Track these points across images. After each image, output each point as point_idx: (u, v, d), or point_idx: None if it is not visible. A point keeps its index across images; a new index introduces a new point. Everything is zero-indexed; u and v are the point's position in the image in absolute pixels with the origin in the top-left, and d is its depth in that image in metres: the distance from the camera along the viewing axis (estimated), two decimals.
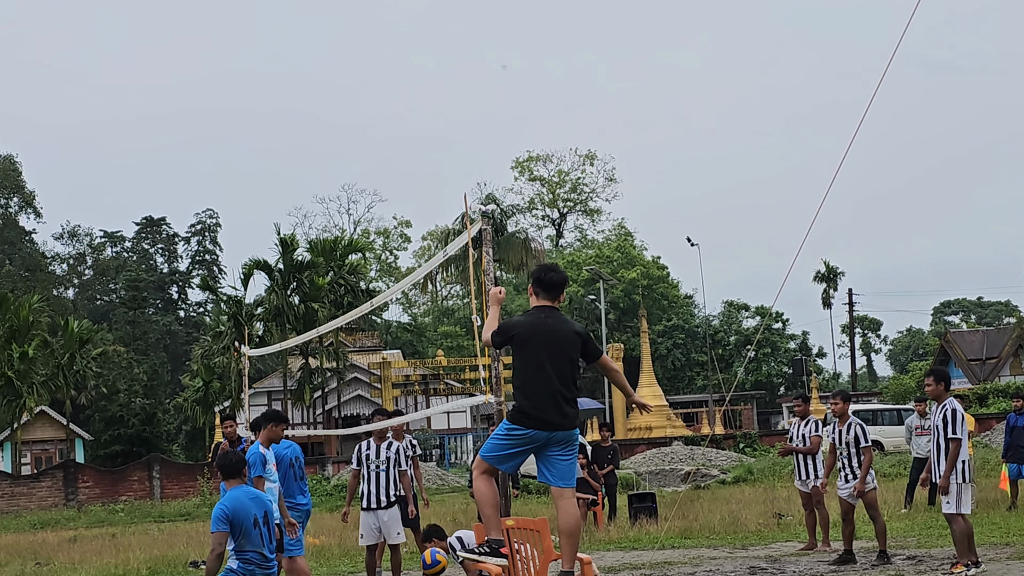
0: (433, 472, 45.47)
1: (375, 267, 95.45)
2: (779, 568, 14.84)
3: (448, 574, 12.81)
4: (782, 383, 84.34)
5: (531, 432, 8.46)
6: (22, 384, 52.86)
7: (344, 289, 57.80)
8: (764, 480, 34.36)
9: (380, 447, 14.47)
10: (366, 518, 14.27)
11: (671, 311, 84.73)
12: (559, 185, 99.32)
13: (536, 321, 8.67)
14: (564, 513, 8.54)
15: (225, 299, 59.68)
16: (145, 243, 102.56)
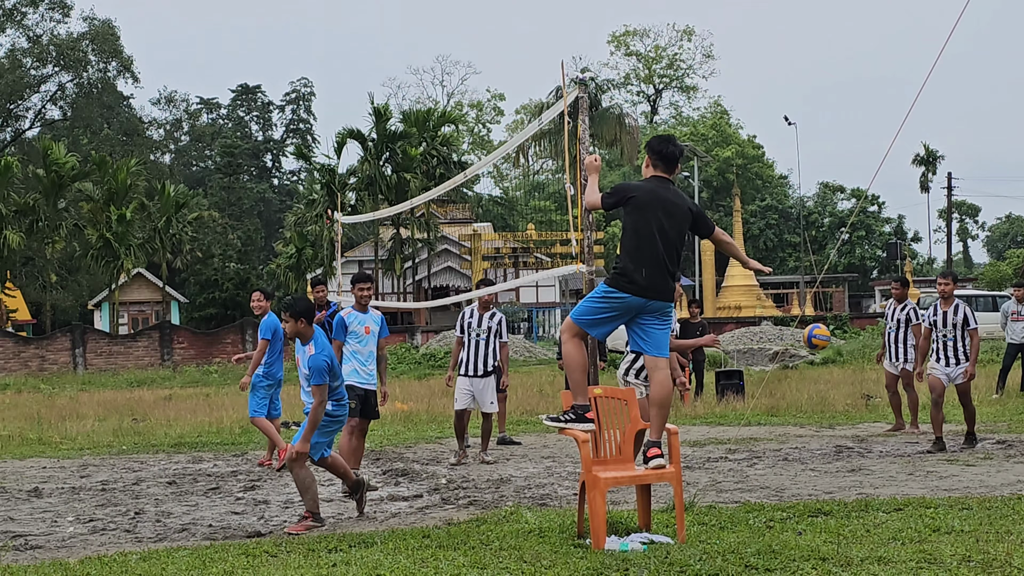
0: (521, 344, 45.83)
1: (467, 140, 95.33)
2: (866, 448, 14.81)
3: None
4: (875, 266, 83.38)
5: (629, 297, 8.43)
6: (120, 246, 53.77)
7: (436, 160, 57.82)
8: (853, 362, 34.20)
9: (483, 316, 14.68)
10: (462, 383, 14.53)
11: (765, 191, 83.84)
12: (655, 61, 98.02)
13: (655, 189, 8.62)
14: (656, 383, 8.54)
15: (318, 168, 59.97)
16: (240, 110, 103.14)
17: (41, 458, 16.62)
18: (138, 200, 56.78)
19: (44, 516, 11.18)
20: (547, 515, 9.60)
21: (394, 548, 8.38)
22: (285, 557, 8.23)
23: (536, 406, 21.88)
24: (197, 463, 15.48)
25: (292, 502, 11.55)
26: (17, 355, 48.81)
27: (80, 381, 42.20)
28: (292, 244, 61.49)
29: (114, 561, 8.29)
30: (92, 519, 10.86)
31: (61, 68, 75.44)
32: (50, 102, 77.69)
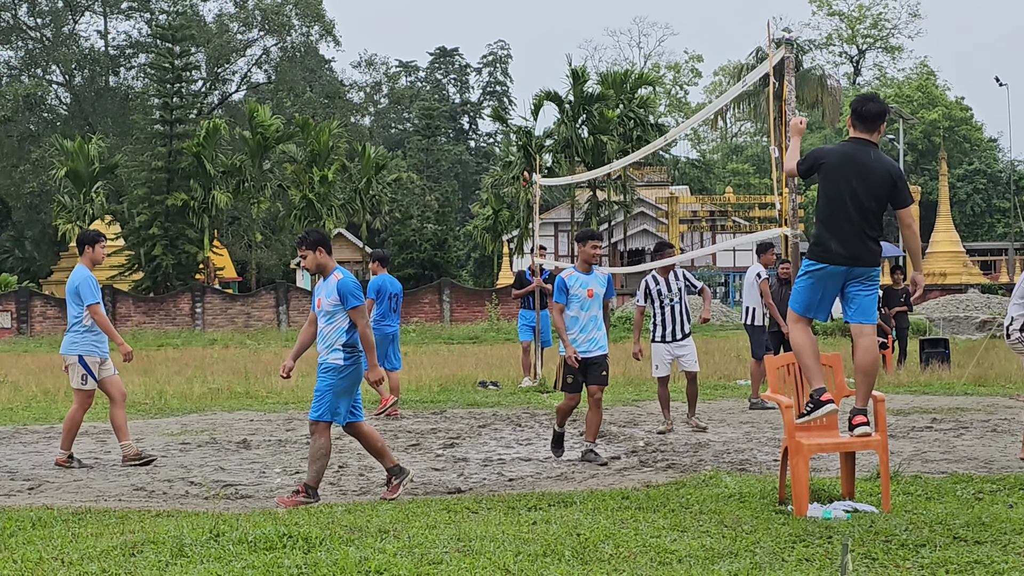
0: (719, 309, 45.47)
1: (664, 102, 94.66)
2: None
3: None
4: None
5: (829, 267, 8.25)
6: (322, 206, 55.01)
7: (633, 123, 57.58)
8: None
9: (668, 279, 14.34)
10: (660, 350, 14.23)
11: (973, 154, 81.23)
12: (859, 20, 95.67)
13: (849, 152, 8.31)
14: (862, 350, 8.34)
15: (515, 130, 60.30)
16: (438, 73, 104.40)
17: (248, 411, 17.15)
18: (339, 162, 57.96)
19: (252, 467, 11.55)
20: (747, 480, 9.50)
21: (593, 508, 8.40)
22: (485, 514, 8.33)
23: (734, 371, 21.68)
24: (397, 420, 15.76)
25: (491, 460, 11.68)
26: (224, 311, 50.44)
27: (283, 337, 43.38)
28: (489, 206, 62.01)
29: (320, 512, 8.50)
30: (298, 471, 11.17)
31: (266, 32, 77.35)
32: (255, 66, 79.79)
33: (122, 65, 77.53)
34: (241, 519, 8.12)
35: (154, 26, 67.08)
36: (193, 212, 53.78)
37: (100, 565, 6.84)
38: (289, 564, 6.67)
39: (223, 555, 6.97)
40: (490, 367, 23.86)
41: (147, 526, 8.02)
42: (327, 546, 7.11)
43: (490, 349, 32.18)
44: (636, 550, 7.00)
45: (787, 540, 7.21)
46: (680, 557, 6.81)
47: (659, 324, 14.24)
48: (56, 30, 75.35)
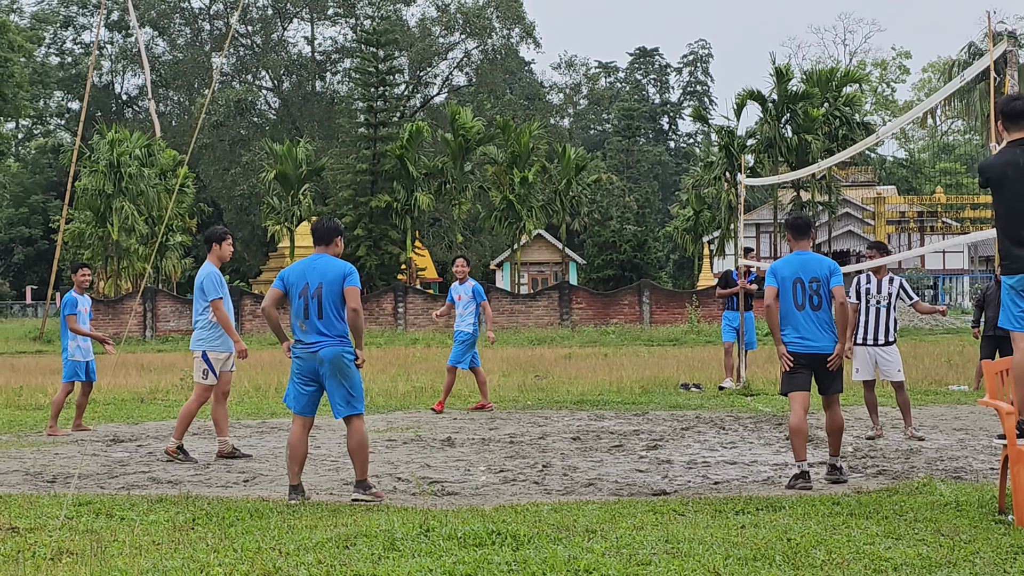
0: None
1: (871, 100, 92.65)
2: None
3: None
4: None
5: (1020, 277, 7.94)
6: (522, 207, 55.43)
7: (839, 121, 56.42)
8: None
9: (882, 281, 14.01)
10: (861, 353, 13.93)
11: None
12: None
13: (1009, 159, 7.99)
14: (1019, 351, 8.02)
15: (716, 130, 59.77)
16: (638, 73, 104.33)
17: (451, 410, 17.35)
18: (539, 163, 58.32)
19: (458, 464, 11.67)
20: (963, 488, 9.21)
21: (803, 513, 8.24)
22: (692, 516, 8.24)
23: (944, 376, 21.06)
24: (599, 420, 15.75)
25: (695, 463, 11.57)
26: (426, 311, 51.17)
27: (484, 338, 43.80)
28: (689, 206, 61.58)
29: (527, 510, 8.54)
30: (502, 469, 11.24)
31: (467, 35, 78.38)
32: (456, 68, 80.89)
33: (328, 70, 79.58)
34: (450, 515, 8.21)
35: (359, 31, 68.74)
36: (396, 213, 54.80)
37: (316, 556, 6.99)
38: (499, 560, 6.70)
39: (433, 550, 7.06)
40: (691, 369, 23.68)
41: (359, 520, 8.16)
42: (535, 544, 7.14)
43: (691, 351, 31.95)
44: (849, 556, 6.84)
45: (1008, 551, 6.96)
46: (896, 565, 6.63)
47: (862, 325, 13.91)
48: (266, 37, 77.75)
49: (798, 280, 10.08)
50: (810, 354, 10.01)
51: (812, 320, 10.02)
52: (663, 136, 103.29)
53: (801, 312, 10.03)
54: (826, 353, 10.03)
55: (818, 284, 10.06)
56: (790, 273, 10.13)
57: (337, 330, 9.44)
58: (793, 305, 10.06)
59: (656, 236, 75.27)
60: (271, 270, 58.95)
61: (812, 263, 10.16)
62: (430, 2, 79.18)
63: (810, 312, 10.03)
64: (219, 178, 70.34)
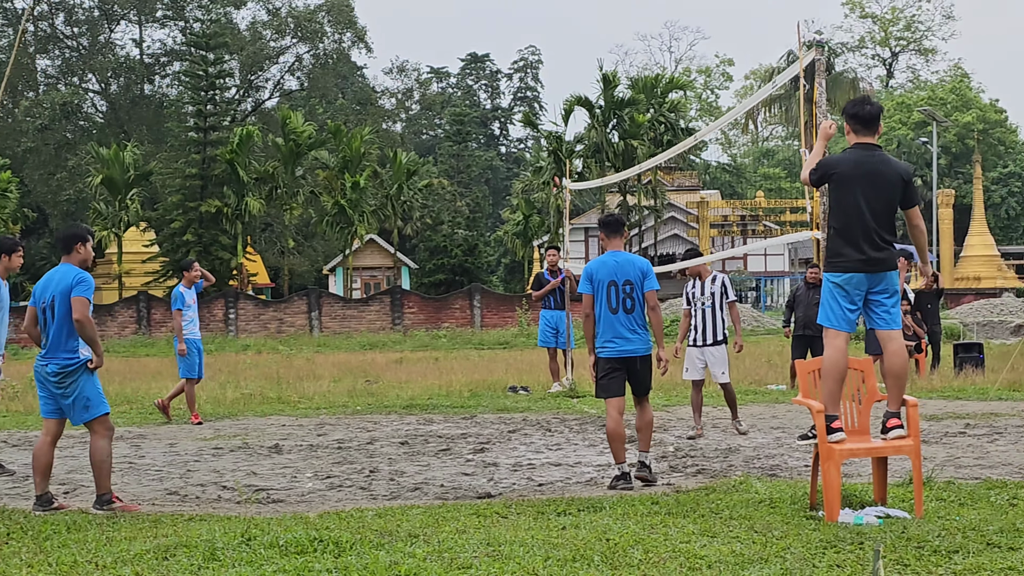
0: (748, 314, 45.36)
1: (695, 106, 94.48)
2: None
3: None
4: None
5: (851, 276, 8.25)
6: (353, 212, 55.14)
7: (664, 127, 57.48)
8: None
9: (704, 283, 14.38)
10: (691, 353, 14.29)
11: (1008, 157, 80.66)
12: (892, 23, 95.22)
13: (858, 159, 8.33)
14: (890, 355, 8.35)
15: (546, 135, 60.32)
16: (469, 79, 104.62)
17: (281, 416, 17.22)
18: (371, 168, 58.11)
19: (284, 472, 11.59)
20: (777, 485, 9.47)
21: (623, 513, 8.39)
22: (515, 519, 8.33)
23: (764, 376, 21.61)
24: (428, 424, 15.79)
25: (521, 465, 11.68)
26: (257, 317, 50.65)
27: (315, 343, 43.57)
28: (519, 211, 62.02)
29: (351, 516, 8.53)
30: (329, 475, 11.21)
31: (298, 39, 77.64)
32: (288, 73, 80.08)
33: (157, 73, 78.01)
34: (273, 523, 8.16)
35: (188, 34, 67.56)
36: (226, 219, 54.04)
37: (133, 568, 6.88)
38: (320, 568, 6.69)
39: (255, 559, 7.01)
40: (520, 372, 23.87)
41: (180, 530, 8.06)
42: (357, 550, 7.14)
43: (520, 354, 32.19)
44: (665, 555, 6.99)
45: (818, 546, 7.19)
46: (710, 563, 6.79)
47: (691, 327, 14.29)
48: (92, 39, 75.87)
49: (612, 283, 10.17)
50: (624, 357, 10.16)
51: (625, 323, 10.13)
52: (494, 141, 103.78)
53: (615, 316, 10.13)
54: (638, 356, 10.18)
55: (631, 287, 10.17)
56: (605, 276, 10.21)
57: (64, 345, 9.24)
58: (608, 309, 10.15)
59: (487, 240, 75.60)
60: (98, 276, 57.59)
61: (626, 265, 10.25)
62: (261, 6, 78.23)
63: (623, 315, 10.13)
64: (44, 183, 68.37)
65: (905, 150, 76.68)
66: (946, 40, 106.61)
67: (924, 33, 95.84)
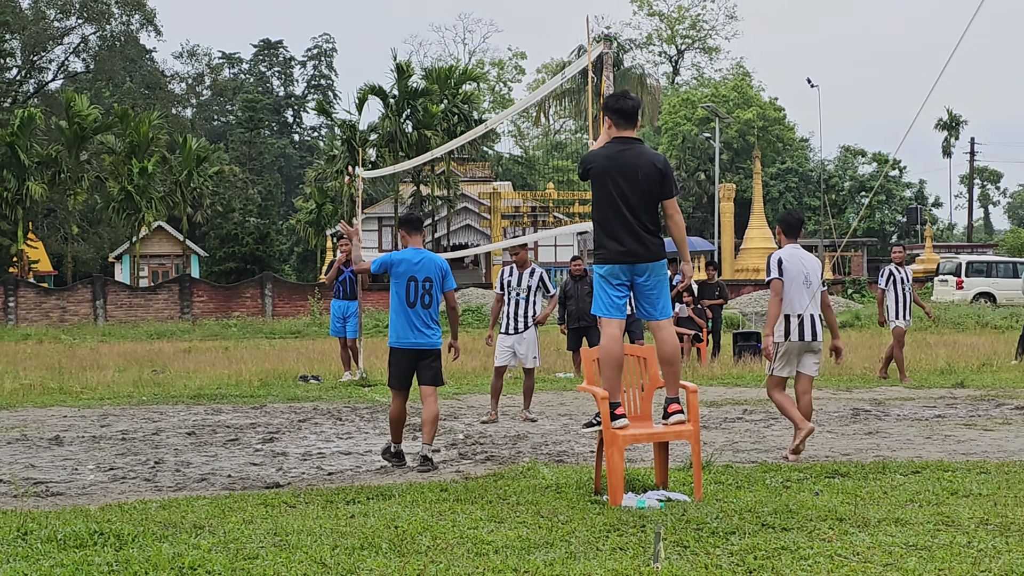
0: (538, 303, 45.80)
1: (488, 98, 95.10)
2: (883, 411, 14.82)
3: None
4: (895, 231, 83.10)
5: (615, 267, 8.42)
6: (141, 199, 53.94)
7: (457, 118, 57.75)
8: (871, 326, 34.15)
9: (523, 274, 14.59)
10: (503, 341, 14.47)
11: (786, 154, 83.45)
12: (678, 21, 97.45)
13: (613, 153, 8.46)
14: (662, 343, 8.55)
15: (339, 124, 59.97)
16: (262, 65, 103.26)
17: (62, 407, 16.72)
18: (159, 154, 56.92)
19: (65, 464, 11.26)
20: (564, 471, 9.63)
21: (411, 501, 8.42)
22: (303, 508, 8.28)
23: (553, 364, 21.92)
24: (216, 415, 15.54)
25: (311, 454, 11.61)
26: (39, 306, 49.07)
27: (100, 332, 42.41)
28: (312, 200, 61.59)
29: (134, 508, 8.35)
30: (112, 467, 10.94)
31: (84, 20, 75.44)
32: (73, 54, 77.81)
33: None
34: (51, 517, 7.92)
35: None
36: (6, 203, 52.24)
37: None
38: (100, 562, 6.53)
39: (31, 553, 6.79)
40: (311, 361, 23.70)
41: None
42: (139, 543, 6.99)
43: (312, 343, 31.97)
44: (453, 541, 7.04)
45: (602, 529, 7.33)
46: (496, 548, 6.87)
47: (505, 315, 14.50)
48: None
49: (412, 278, 10.54)
50: (416, 349, 10.54)
51: (420, 317, 10.52)
52: (287, 129, 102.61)
53: (412, 310, 10.52)
54: (429, 348, 10.58)
55: (431, 284, 10.59)
56: (405, 270, 10.56)
57: None
58: (406, 303, 10.51)
59: (279, 229, 74.76)
60: None
61: (428, 263, 10.63)
62: None
63: (420, 310, 10.53)
64: None
65: (690, 145, 78.68)
66: (729, 39, 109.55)
67: (708, 32, 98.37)
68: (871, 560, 6.45)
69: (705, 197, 75.85)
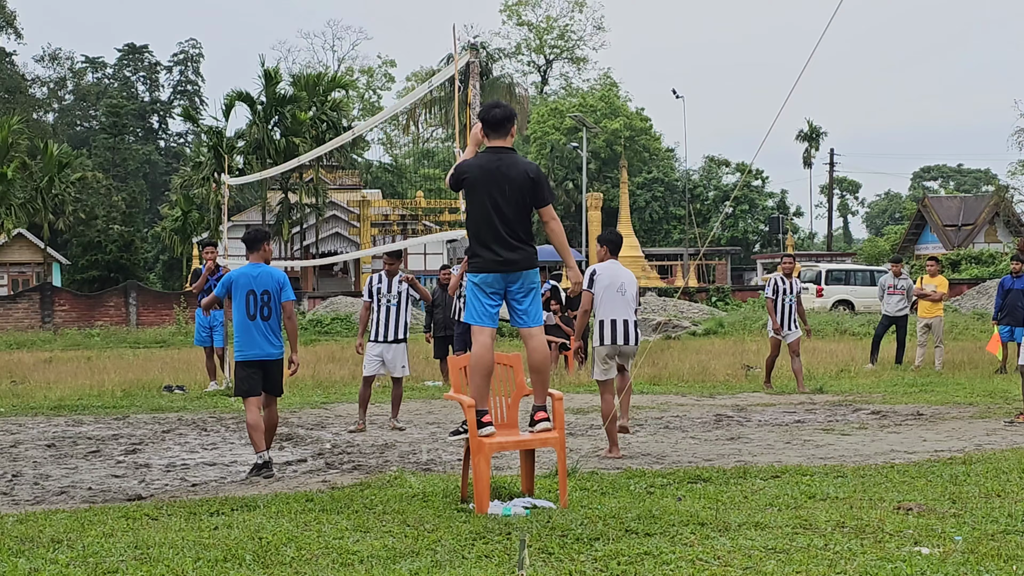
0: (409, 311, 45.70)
1: (358, 106, 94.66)
2: (745, 417, 15.10)
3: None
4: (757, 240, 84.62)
5: (488, 276, 8.46)
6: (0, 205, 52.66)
7: (326, 125, 57.36)
8: (734, 333, 34.74)
9: (392, 282, 14.50)
10: (372, 349, 14.36)
11: (652, 163, 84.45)
12: (547, 31, 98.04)
13: (485, 163, 8.51)
14: (532, 351, 8.60)
15: (206, 130, 59.20)
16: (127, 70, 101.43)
17: None
18: (19, 159, 55.64)
19: None
20: (431, 480, 9.65)
21: (277, 511, 8.36)
22: (166, 520, 8.17)
23: (422, 372, 21.92)
24: (77, 426, 15.26)
25: (175, 465, 11.46)
26: None
27: None
28: (178, 207, 60.70)
29: None
30: None
31: None
32: None
33: None
34: None
35: None
36: None
37: None
38: None
39: None
40: (176, 371, 23.38)
41: None
42: None
43: (178, 353, 31.50)
44: (318, 552, 7.01)
45: (468, 538, 7.35)
46: (362, 558, 6.86)
47: (374, 323, 14.39)
48: None
49: (251, 292, 10.92)
50: (260, 361, 10.86)
51: (262, 329, 10.88)
52: (153, 135, 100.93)
53: (253, 322, 10.86)
54: (272, 359, 10.93)
55: (269, 296, 10.97)
56: (244, 284, 10.93)
57: None
58: (246, 315, 10.86)
59: (144, 236, 73.52)
60: None
61: (264, 276, 11.02)
62: None
63: (260, 322, 10.88)
64: None
65: (558, 154, 79.20)
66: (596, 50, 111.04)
67: (576, 42, 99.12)
68: (731, 564, 6.58)
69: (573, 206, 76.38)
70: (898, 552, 6.77)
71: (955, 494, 8.69)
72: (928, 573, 6.23)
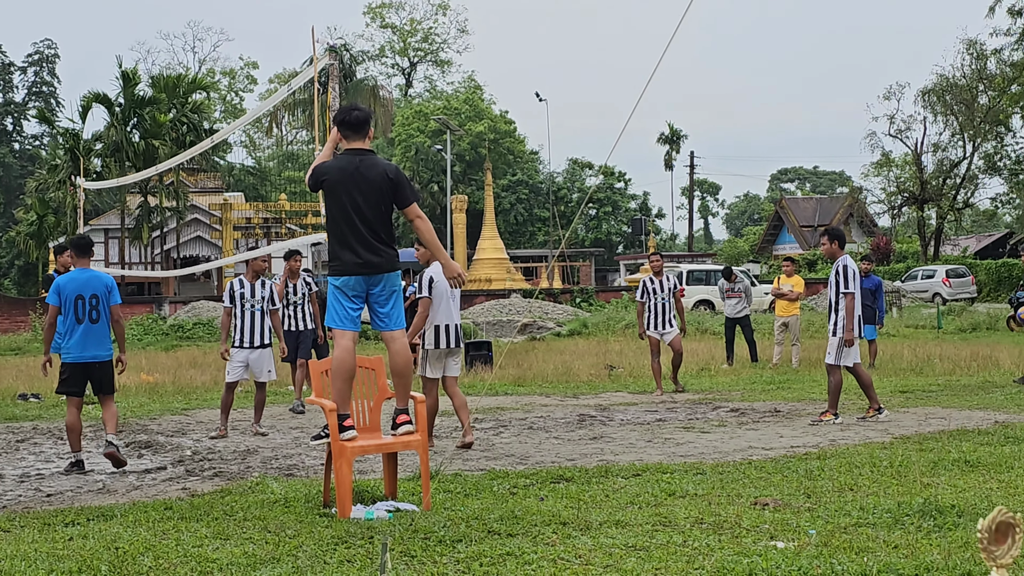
0: None
1: (219, 108, 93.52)
2: (608, 416, 15.23)
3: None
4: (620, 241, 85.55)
5: (349, 279, 8.41)
6: None
7: (187, 128, 56.49)
8: (598, 334, 35.06)
9: (255, 286, 14.30)
10: (236, 355, 14.16)
11: (516, 166, 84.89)
12: (410, 34, 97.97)
13: (344, 165, 8.46)
14: (394, 354, 8.59)
15: (62, 132, 57.92)
16: None
17: None
18: None
19: None
20: (293, 485, 9.58)
21: (134, 520, 8.22)
22: (19, 532, 7.98)
23: (285, 377, 21.71)
24: None
25: (29, 476, 11.20)
26: None
27: None
28: (33, 211, 59.30)
29: None
30: None
31: None
32: None
33: None
34: None
35: None
36: None
37: None
38: None
39: None
40: (32, 379, 22.81)
41: None
42: None
43: (33, 360, 30.74)
44: (176, 561, 6.91)
45: (330, 542, 7.31)
46: (221, 565, 6.77)
47: (238, 329, 14.20)
48: None
49: (79, 297, 11.34)
50: (86, 363, 11.43)
51: (91, 333, 11.39)
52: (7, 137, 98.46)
53: (81, 326, 11.34)
54: (99, 361, 11.47)
55: (97, 300, 11.41)
56: (73, 290, 11.35)
57: None
58: (75, 319, 11.31)
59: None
60: None
61: (93, 281, 11.46)
62: None
63: (89, 325, 11.38)
64: None
65: (423, 157, 79.16)
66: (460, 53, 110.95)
67: (440, 45, 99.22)
68: (592, 562, 6.64)
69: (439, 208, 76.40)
70: (754, 547, 6.90)
71: (810, 489, 8.89)
72: (783, 566, 6.35)
